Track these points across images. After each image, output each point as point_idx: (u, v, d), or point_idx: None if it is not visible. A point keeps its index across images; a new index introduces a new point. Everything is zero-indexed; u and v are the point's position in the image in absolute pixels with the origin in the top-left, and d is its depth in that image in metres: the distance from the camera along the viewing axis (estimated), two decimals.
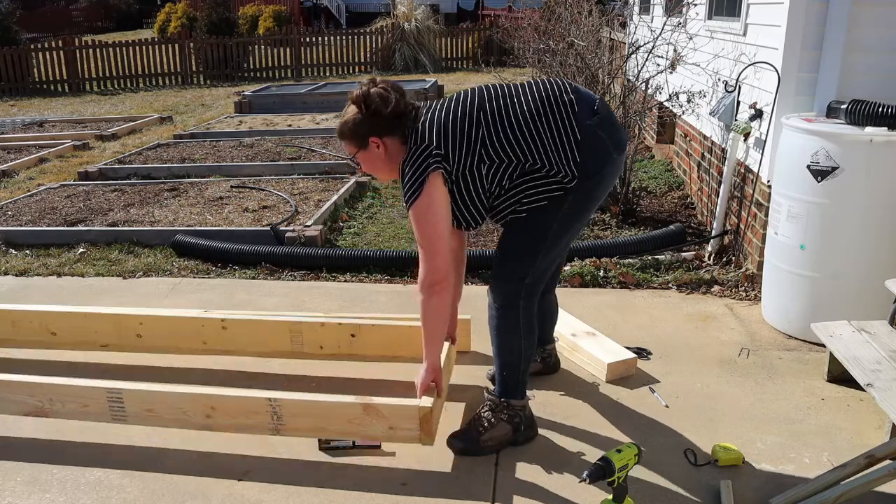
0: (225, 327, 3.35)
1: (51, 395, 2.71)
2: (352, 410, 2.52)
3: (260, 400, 2.58)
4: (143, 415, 2.67)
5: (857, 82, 3.47)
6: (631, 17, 7.44)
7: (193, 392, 2.66)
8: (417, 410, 2.47)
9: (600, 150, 2.41)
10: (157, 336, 3.40)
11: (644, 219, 5.20)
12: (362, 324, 3.27)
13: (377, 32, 16.75)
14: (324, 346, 3.32)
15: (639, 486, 2.37)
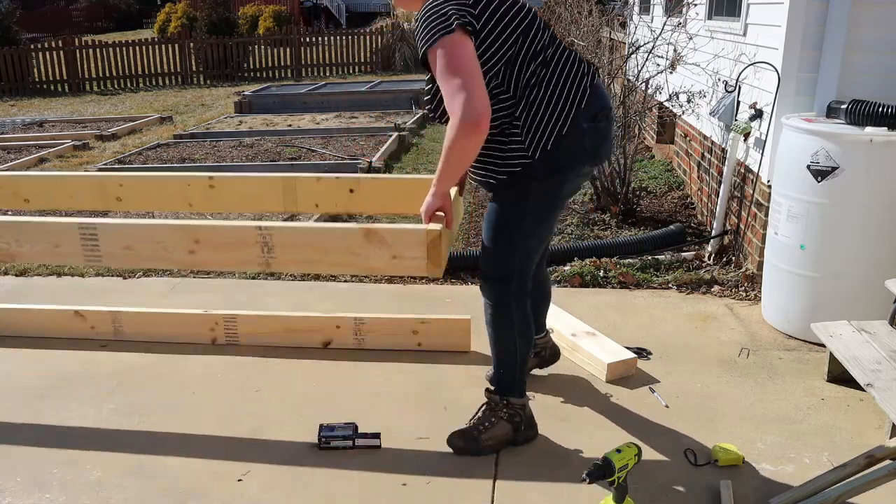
0: (213, 186, 3.12)
1: (17, 234, 2.47)
2: (351, 238, 2.28)
3: (249, 229, 2.32)
4: (120, 254, 2.43)
5: (857, 82, 3.47)
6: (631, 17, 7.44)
7: (175, 224, 2.42)
8: (425, 235, 2.20)
9: (575, 154, 2.30)
10: (139, 198, 3.17)
11: (644, 219, 5.20)
12: (361, 178, 3.08)
13: (377, 32, 16.75)
14: (320, 203, 3.07)
15: (639, 486, 2.37)
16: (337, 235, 2.28)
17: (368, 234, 2.25)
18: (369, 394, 3.02)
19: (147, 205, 3.21)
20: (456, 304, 3.88)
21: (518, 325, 2.52)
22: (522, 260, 2.44)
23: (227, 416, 2.89)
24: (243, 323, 3.44)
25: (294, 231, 2.33)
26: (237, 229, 2.35)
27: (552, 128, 2.24)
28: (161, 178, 3.21)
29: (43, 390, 3.10)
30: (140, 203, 3.19)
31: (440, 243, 2.21)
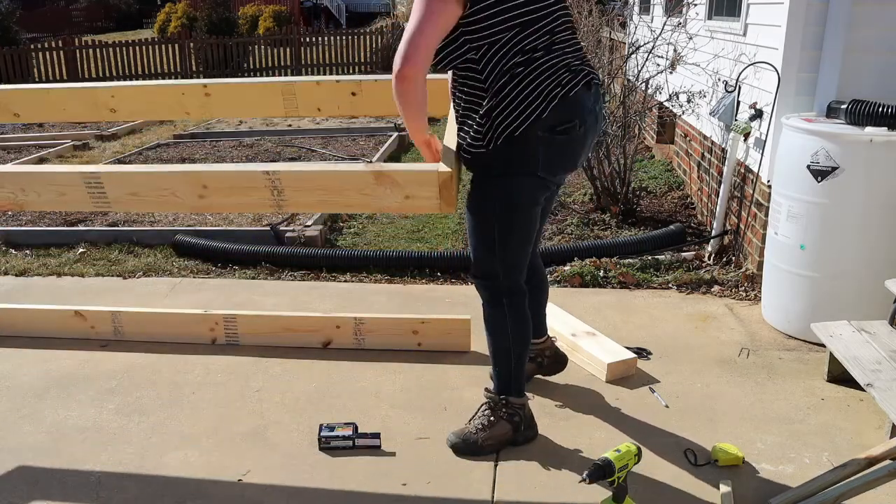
0: (208, 94, 3.04)
1: (23, 184, 2.45)
2: (362, 179, 2.23)
3: (255, 174, 2.28)
4: (127, 200, 2.39)
5: (857, 82, 3.47)
6: (631, 17, 7.43)
7: (183, 170, 2.39)
8: (437, 175, 2.17)
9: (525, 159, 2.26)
10: (133, 108, 3.10)
11: (644, 219, 5.20)
12: (363, 79, 3.00)
13: (377, 32, 16.74)
14: (321, 107, 3.00)
15: (639, 486, 2.37)
16: (346, 178, 2.25)
17: (379, 176, 2.21)
18: (369, 394, 3.02)
19: (142, 114, 3.17)
20: (456, 304, 3.88)
21: (512, 324, 2.50)
22: (504, 259, 2.42)
23: (227, 416, 2.89)
24: (243, 323, 3.44)
25: (303, 175, 2.30)
26: (244, 174, 2.32)
27: (506, 126, 2.22)
28: (154, 87, 3.14)
29: (43, 390, 3.10)
30: (134, 113, 3.14)
31: (451, 184, 2.20)
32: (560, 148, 2.27)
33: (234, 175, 2.34)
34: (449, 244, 4.87)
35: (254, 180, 2.30)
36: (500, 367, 2.57)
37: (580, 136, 2.29)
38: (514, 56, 2.19)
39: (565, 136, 2.25)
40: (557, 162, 2.31)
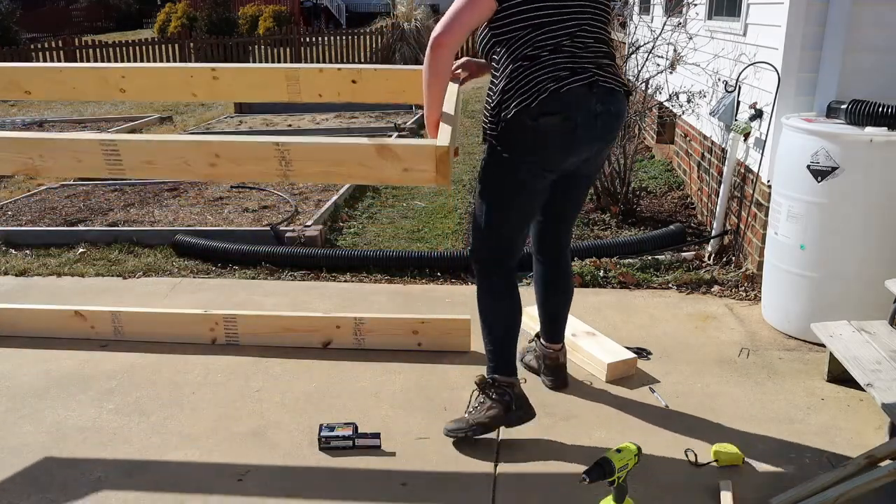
0: (216, 77, 3.14)
1: (41, 150, 2.52)
2: (365, 152, 2.34)
3: (266, 145, 2.39)
4: (142, 167, 2.45)
5: (857, 82, 3.47)
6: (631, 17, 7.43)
7: (196, 139, 2.51)
8: (434, 150, 2.29)
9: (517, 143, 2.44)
10: (142, 89, 3.19)
11: (644, 219, 5.20)
12: (363, 68, 3.14)
13: (377, 32, 16.76)
14: (323, 93, 3.12)
15: (639, 486, 2.37)
16: (351, 150, 2.36)
17: (381, 149, 2.32)
18: (369, 394, 3.02)
19: (151, 95, 3.25)
20: (456, 304, 3.88)
21: (494, 301, 2.63)
22: (491, 236, 2.58)
23: (227, 416, 2.89)
24: (243, 323, 3.44)
25: (310, 147, 2.40)
26: (256, 145, 2.42)
27: (503, 110, 2.41)
28: (164, 68, 3.24)
29: (43, 390, 3.10)
30: (144, 94, 3.22)
31: (447, 158, 2.30)
32: (548, 137, 2.41)
33: (246, 146, 2.42)
34: (449, 244, 4.87)
35: (264, 151, 2.39)
36: (489, 345, 2.67)
37: (569, 129, 2.40)
38: (523, 52, 2.39)
39: (553, 127, 2.39)
40: (547, 151, 2.45)
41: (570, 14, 2.40)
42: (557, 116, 2.38)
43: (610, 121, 2.48)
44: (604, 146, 2.56)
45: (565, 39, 2.39)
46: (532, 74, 2.37)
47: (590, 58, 2.44)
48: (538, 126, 2.39)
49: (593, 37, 2.46)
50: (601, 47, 2.48)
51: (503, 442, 2.68)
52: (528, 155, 2.44)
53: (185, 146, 2.45)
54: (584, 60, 2.42)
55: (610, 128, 2.50)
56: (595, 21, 2.46)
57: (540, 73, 2.37)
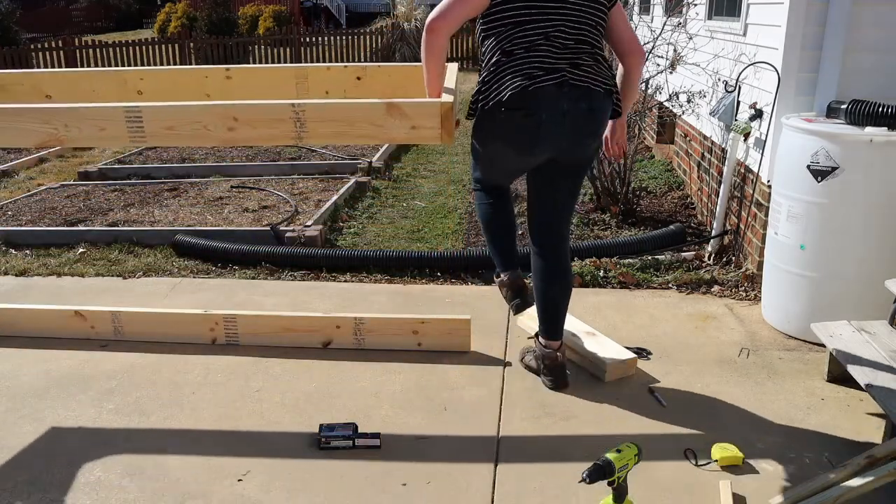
0: (229, 77, 3.35)
1: (66, 119, 2.60)
2: (375, 111, 2.50)
3: (283, 106, 2.53)
4: (163, 133, 2.58)
5: (857, 82, 3.47)
6: (631, 17, 7.44)
7: (215, 104, 2.61)
8: (439, 107, 2.48)
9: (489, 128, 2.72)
10: (158, 91, 3.37)
11: (644, 219, 5.20)
12: (368, 66, 3.35)
13: (377, 32, 16.76)
14: (329, 90, 3.35)
15: (639, 486, 2.37)
16: (362, 109, 2.52)
17: (390, 108, 2.49)
18: (369, 394, 3.02)
19: (167, 97, 3.39)
20: (456, 304, 3.88)
21: (484, 220, 3.09)
22: (481, 177, 3.03)
23: (227, 416, 2.89)
24: (243, 323, 3.44)
25: (323, 106, 2.55)
26: (273, 107, 2.54)
27: (482, 98, 2.67)
28: (179, 70, 3.48)
29: (43, 390, 3.10)
30: (160, 96, 3.38)
31: (451, 115, 2.48)
32: (514, 128, 2.66)
33: (263, 108, 2.56)
34: (449, 244, 4.87)
35: (281, 112, 2.53)
36: (489, 245, 3.13)
37: (535, 124, 2.62)
38: (503, 47, 2.62)
39: (519, 120, 2.63)
40: (514, 140, 2.70)
41: (548, 15, 2.58)
42: (522, 112, 2.60)
43: (581, 118, 2.64)
44: (582, 140, 2.70)
45: (541, 39, 2.58)
46: (507, 71, 2.60)
47: (566, 58, 2.60)
48: (507, 118, 2.63)
49: (574, 38, 2.61)
50: (582, 48, 2.62)
51: (503, 442, 2.68)
52: (497, 140, 2.74)
53: (204, 110, 2.57)
54: (558, 60, 2.59)
55: (582, 124, 2.65)
56: (579, 23, 2.61)
57: (514, 69, 2.59)
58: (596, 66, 2.65)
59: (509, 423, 2.79)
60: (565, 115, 2.61)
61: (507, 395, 2.99)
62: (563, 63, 2.59)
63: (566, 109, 2.60)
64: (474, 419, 2.82)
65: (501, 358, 3.29)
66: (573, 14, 2.59)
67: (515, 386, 3.06)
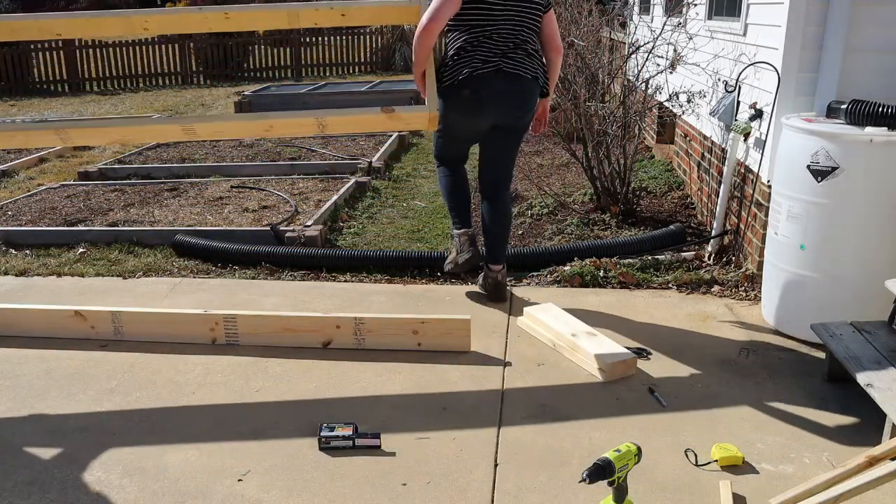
0: (228, 17, 3.61)
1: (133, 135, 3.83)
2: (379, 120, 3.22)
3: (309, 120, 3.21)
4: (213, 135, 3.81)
5: (857, 82, 3.47)
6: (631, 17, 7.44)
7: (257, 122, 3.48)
8: (427, 115, 3.13)
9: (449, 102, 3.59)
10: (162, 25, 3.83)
11: (644, 219, 5.20)
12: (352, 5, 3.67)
13: (377, 32, 16.75)
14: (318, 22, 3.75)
15: (639, 486, 2.37)
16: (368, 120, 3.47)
17: (391, 117, 3.15)
18: (369, 394, 3.02)
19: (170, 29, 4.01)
20: (456, 304, 3.88)
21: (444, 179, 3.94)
22: (441, 153, 3.93)
23: (227, 415, 2.89)
24: (243, 323, 3.44)
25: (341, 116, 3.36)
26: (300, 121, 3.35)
27: (443, 81, 3.55)
28: (182, 13, 3.86)
29: (43, 390, 3.10)
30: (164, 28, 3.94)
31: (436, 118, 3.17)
32: (464, 102, 3.57)
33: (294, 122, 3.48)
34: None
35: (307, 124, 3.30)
36: (449, 209, 3.99)
37: (478, 99, 3.53)
38: (458, 43, 3.53)
39: (467, 96, 3.54)
40: (466, 109, 3.60)
41: (492, 20, 3.47)
42: (469, 90, 3.51)
43: (513, 95, 3.55)
44: (514, 112, 3.60)
45: (485, 39, 3.48)
46: (461, 62, 3.51)
47: (501, 52, 3.49)
48: (459, 94, 3.54)
49: (511, 38, 3.50)
50: (517, 45, 3.51)
51: (503, 442, 2.68)
52: (454, 110, 3.62)
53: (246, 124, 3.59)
54: (495, 55, 3.49)
55: (513, 100, 3.57)
56: (516, 27, 3.49)
57: (465, 61, 3.50)
58: (527, 58, 3.54)
59: (509, 423, 2.79)
60: (500, 94, 3.51)
61: (507, 395, 2.99)
62: (498, 57, 3.49)
63: (501, 89, 3.50)
64: (474, 419, 2.82)
65: (501, 358, 3.29)
66: (512, 20, 3.47)
67: (515, 386, 3.06)
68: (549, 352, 3.34)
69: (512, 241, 4.89)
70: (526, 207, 5.51)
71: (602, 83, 5.34)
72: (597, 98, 5.28)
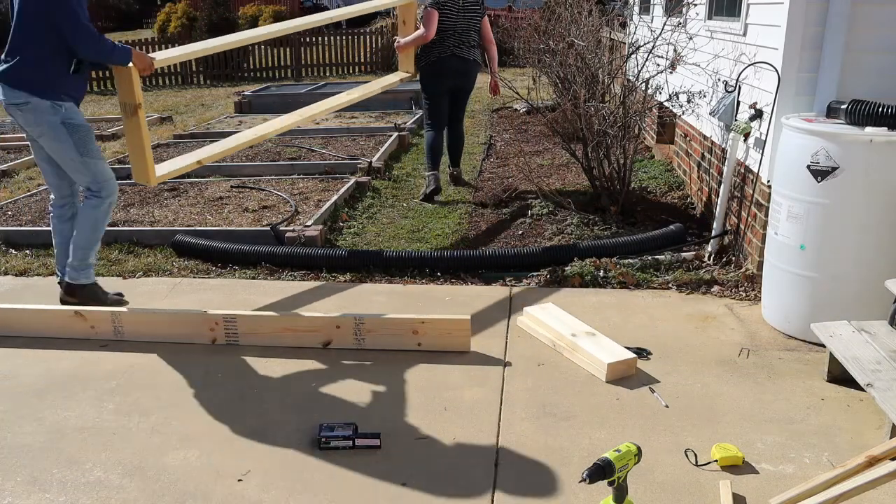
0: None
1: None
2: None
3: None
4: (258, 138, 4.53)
5: (857, 82, 3.47)
6: (631, 17, 7.44)
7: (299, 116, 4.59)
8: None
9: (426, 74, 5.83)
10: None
11: (644, 219, 5.19)
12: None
13: (377, 32, 16.75)
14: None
15: (639, 486, 2.38)
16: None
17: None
18: (369, 394, 3.02)
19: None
20: (456, 304, 3.88)
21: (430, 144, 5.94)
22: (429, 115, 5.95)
23: (226, 416, 2.89)
24: (243, 323, 3.44)
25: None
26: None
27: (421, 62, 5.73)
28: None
29: (43, 390, 3.10)
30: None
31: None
32: (434, 74, 5.77)
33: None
34: (449, 244, 4.87)
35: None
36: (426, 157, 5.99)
37: (443, 71, 5.74)
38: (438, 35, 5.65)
39: (438, 69, 5.73)
40: (435, 77, 5.79)
41: (453, 23, 5.63)
42: (437, 66, 5.71)
43: (462, 70, 5.78)
44: (464, 80, 5.84)
45: (448, 34, 5.62)
46: (433, 50, 5.67)
47: (454, 45, 5.67)
48: (431, 68, 5.75)
49: (463, 34, 5.68)
50: (467, 39, 5.72)
51: (503, 442, 2.68)
52: (429, 79, 5.83)
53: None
54: (451, 46, 5.67)
55: (463, 73, 5.79)
56: (466, 28, 5.68)
57: (434, 49, 5.66)
58: (471, 48, 5.75)
59: (509, 423, 2.79)
60: (455, 69, 5.75)
61: (507, 395, 2.99)
62: (454, 47, 5.68)
63: (455, 67, 5.74)
64: (474, 419, 2.82)
65: (501, 358, 3.29)
66: (464, 23, 5.67)
67: (515, 386, 3.06)
68: (549, 352, 3.34)
69: (512, 241, 4.89)
70: (526, 207, 5.51)
71: (602, 83, 5.34)
72: (597, 98, 5.28)
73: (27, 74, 3.39)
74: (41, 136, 3.53)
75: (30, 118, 3.47)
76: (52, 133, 3.48)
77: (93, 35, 3.36)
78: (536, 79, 8.08)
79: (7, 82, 3.42)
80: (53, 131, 3.47)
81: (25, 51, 3.38)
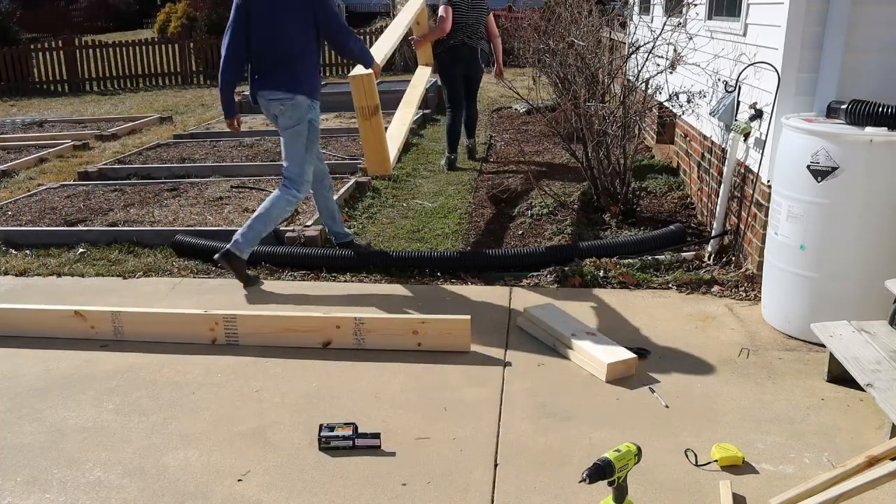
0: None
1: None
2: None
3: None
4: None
5: (857, 82, 3.47)
6: (631, 17, 7.44)
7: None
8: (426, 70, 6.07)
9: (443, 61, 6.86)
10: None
11: (644, 219, 5.19)
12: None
13: (377, 32, 16.74)
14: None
15: (639, 486, 2.38)
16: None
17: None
18: (369, 394, 3.02)
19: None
20: (456, 304, 3.88)
21: (451, 126, 6.99)
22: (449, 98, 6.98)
23: (227, 416, 2.89)
24: (243, 323, 3.44)
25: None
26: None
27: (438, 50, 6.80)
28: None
29: (43, 390, 3.10)
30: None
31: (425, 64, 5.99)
32: (450, 60, 6.83)
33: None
34: (449, 244, 4.88)
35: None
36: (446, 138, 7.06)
37: (457, 58, 6.78)
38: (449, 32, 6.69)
39: (451, 57, 6.79)
40: (451, 63, 6.83)
41: (464, 19, 6.68)
42: (452, 54, 6.76)
43: (472, 58, 6.78)
44: (474, 66, 6.85)
45: (461, 27, 6.67)
46: (447, 40, 6.65)
47: (467, 35, 6.69)
48: (447, 57, 6.78)
49: (472, 28, 6.74)
50: (475, 32, 6.75)
51: (503, 442, 2.68)
52: (448, 63, 6.82)
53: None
54: (464, 37, 6.69)
55: (472, 60, 6.79)
56: (475, 23, 6.75)
57: (449, 39, 6.65)
58: (479, 39, 6.79)
59: (509, 423, 2.79)
60: (465, 57, 6.77)
61: (507, 395, 2.99)
62: (465, 38, 6.66)
63: (465, 55, 6.75)
64: (474, 419, 2.82)
65: (501, 358, 3.29)
66: (473, 20, 6.70)
67: (515, 386, 3.06)
68: (549, 352, 3.34)
69: (512, 241, 4.89)
70: (526, 207, 5.51)
71: (602, 83, 5.34)
72: (597, 98, 5.28)
73: (302, 77, 4.38)
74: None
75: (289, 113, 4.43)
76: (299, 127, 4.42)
77: (354, 35, 4.37)
78: (536, 79, 8.10)
79: (281, 87, 4.36)
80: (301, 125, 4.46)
81: (302, 59, 4.35)
